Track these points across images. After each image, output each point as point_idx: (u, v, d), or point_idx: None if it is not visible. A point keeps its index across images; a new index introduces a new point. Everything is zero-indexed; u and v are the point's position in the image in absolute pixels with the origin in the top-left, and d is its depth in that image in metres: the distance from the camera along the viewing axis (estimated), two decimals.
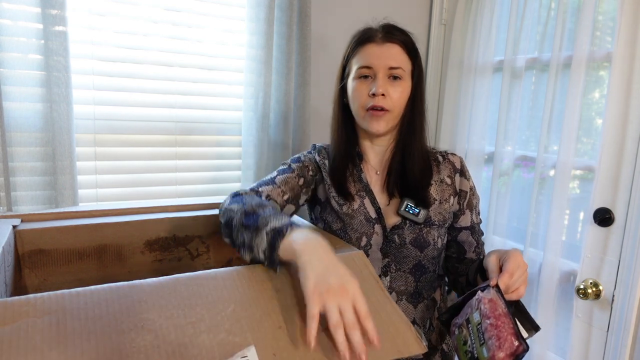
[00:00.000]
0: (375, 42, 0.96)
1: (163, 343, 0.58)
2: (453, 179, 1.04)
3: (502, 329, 0.73)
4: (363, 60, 0.96)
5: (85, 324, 0.58)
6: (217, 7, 1.40)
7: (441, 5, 1.74)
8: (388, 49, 0.95)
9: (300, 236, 0.70)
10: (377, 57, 0.94)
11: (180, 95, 1.38)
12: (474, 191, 1.06)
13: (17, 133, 1.13)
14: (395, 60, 0.95)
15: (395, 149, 1.02)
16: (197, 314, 0.63)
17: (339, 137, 1.03)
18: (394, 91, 0.95)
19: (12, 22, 1.10)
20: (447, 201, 1.02)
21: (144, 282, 0.66)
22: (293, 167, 1.02)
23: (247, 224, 0.76)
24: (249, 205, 0.80)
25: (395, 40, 0.96)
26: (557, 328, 1.38)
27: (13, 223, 0.92)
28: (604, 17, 1.26)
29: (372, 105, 0.94)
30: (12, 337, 0.54)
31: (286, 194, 0.97)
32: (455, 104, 1.71)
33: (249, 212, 0.78)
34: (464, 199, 1.04)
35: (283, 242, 0.70)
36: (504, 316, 0.74)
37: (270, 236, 0.72)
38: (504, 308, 0.76)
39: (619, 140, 1.19)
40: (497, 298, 0.77)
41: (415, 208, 0.98)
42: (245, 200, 0.84)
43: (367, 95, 0.95)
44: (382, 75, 0.94)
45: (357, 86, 0.97)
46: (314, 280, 0.63)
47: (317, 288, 0.62)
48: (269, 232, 0.72)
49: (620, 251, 1.19)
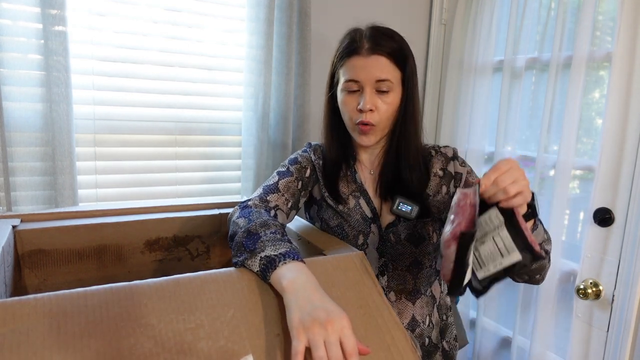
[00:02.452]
0: (361, 54, 0.92)
1: (162, 350, 0.58)
2: (445, 169, 1.03)
3: (460, 215, 0.69)
4: (349, 73, 0.94)
5: (86, 328, 0.58)
6: (217, 7, 1.39)
7: (441, 5, 1.74)
8: (374, 62, 0.92)
9: (290, 274, 0.67)
10: (363, 70, 0.92)
11: (180, 95, 1.38)
12: (473, 174, 1.04)
13: (17, 133, 1.13)
14: (382, 72, 0.92)
15: (389, 150, 1.01)
16: (197, 319, 0.63)
17: (331, 143, 1.03)
18: (382, 104, 0.93)
19: (12, 22, 1.10)
20: (440, 192, 1.02)
21: (144, 283, 0.66)
22: (292, 169, 1.02)
23: (246, 245, 0.76)
24: (253, 224, 0.80)
25: (381, 52, 0.92)
26: (557, 328, 1.38)
27: (13, 223, 0.92)
28: (604, 17, 1.26)
29: (361, 120, 0.93)
30: (12, 340, 0.54)
31: (289, 202, 0.97)
32: (455, 104, 1.71)
33: (251, 232, 0.78)
34: (459, 181, 1.03)
35: (273, 274, 0.69)
36: (469, 206, 0.68)
37: (263, 263, 0.71)
38: (472, 199, 0.69)
39: (619, 140, 1.19)
40: (472, 193, 0.70)
41: (408, 205, 0.98)
42: (252, 216, 0.83)
43: (355, 109, 0.94)
44: (369, 89, 0.92)
45: (345, 99, 0.96)
46: (299, 315, 0.61)
47: (302, 322, 0.60)
48: (262, 258, 0.72)
49: (620, 251, 1.19)
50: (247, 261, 0.74)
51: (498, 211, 0.70)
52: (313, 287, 0.66)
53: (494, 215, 0.70)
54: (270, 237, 0.76)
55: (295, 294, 0.64)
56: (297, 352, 0.57)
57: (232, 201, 1.21)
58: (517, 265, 0.65)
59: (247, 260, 0.74)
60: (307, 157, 1.06)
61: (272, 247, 0.73)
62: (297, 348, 0.58)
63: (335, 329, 0.59)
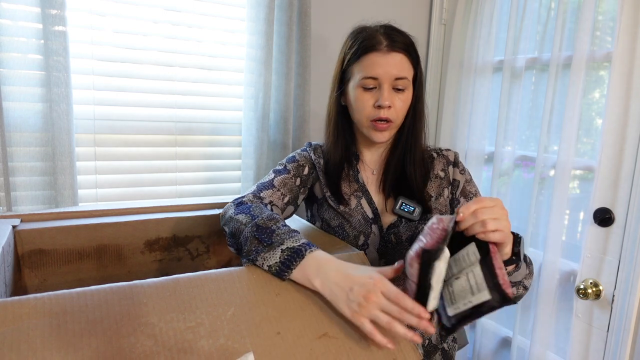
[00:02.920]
0: (380, 51, 0.92)
1: (163, 349, 0.58)
2: (446, 171, 1.04)
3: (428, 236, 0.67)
4: (368, 70, 0.93)
5: (86, 327, 0.58)
6: (217, 7, 1.39)
7: (441, 5, 1.74)
8: (393, 59, 0.92)
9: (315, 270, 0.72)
10: (383, 68, 0.92)
11: (180, 95, 1.38)
12: (471, 183, 1.05)
13: (17, 133, 1.13)
14: (401, 71, 0.93)
15: (393, 149, 1.03)
16: (197, 317, 0.63)
17: (336, 141, 1.03)
18: (399, 101, 0.94)
19: (12, 22, 1.10)
20: (442, 194, 1.02)
21: (144, 283, 0.66)
22: (289, 167, 1.02)
23: (262, 239, 0.77)
24: (260, 219, 0.80)
25: (399, 49, 0.93)
26: (557, 328, 1.38)
27: (13, 223, 0.92)
28: (604, 17, 1.26)
29: (378, 117, 0.93)
30: (12, 339, 0.54)
31: (286, 197, 0.98)
32: (455, 104, 1.71)
33: (261, 226, 0.79)
34: (456, 188, 1.04)
35: (299, 265, 0.73)
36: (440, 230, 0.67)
37: (286, 255, 0.73)
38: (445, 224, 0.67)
39: (619, 140, 1.19)
40: (448, 219, 0.68)
41: (411, 206, 0.98)
42: (254, 211, 0.84)
43: (373, 106, 0.94)
44: (387, 86, 0.93)
45: (361, 96, 0.95)
46: (347, 306, 0.67)
47: (352, 309, 0.66)
48: (285, 250, 0.74)
49: (620, 251, 1.19)
50: (263, 254, 0.74)
51: (476, 248, 0.67)
52: (339, 271, 0.70)
53: (472, 251, 0.67)
54: (285, 230, 0.78)
55: (330, 290, 0.70)
56: (369, 332, 0.65)
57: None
58: (485, 305, 0.63)
59: (263, 254, 0.74)
60: (306, 155, 1.06)
61: (291, 239, 0.76)
62: (366, 329, 0.65)
63: (377, 296, 0.65)
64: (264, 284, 0.72)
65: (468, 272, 0.66)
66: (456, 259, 0.69)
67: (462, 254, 0.69)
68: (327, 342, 0.65)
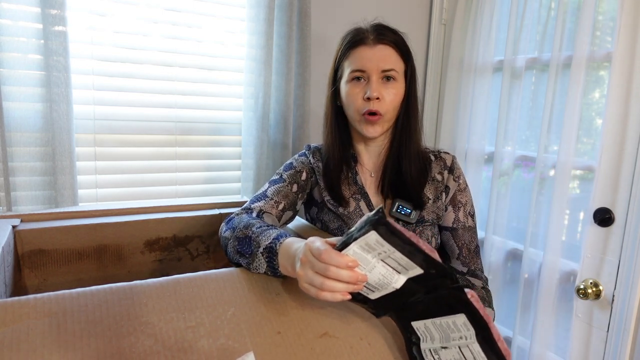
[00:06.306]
0: (367, 44, 0.94)
1: (163, 348, 0.58)
2: (443, 174, 1.04)
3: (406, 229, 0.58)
4: (355, 63, 0.94)
5: (86, 327, 0.58)
6: (217, 7, 1.39)
7: (441, 5, 1.74)
8: (380, 51, 0.94)
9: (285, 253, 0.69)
10: (370, 59, 0.93)
11: (180, 95, 1.38)
12: (464, 192, 1.05)
13: (17, 133, 1.13)
14: (388, 62, 0.94)
15: (390, 150, 1.02)
16: (197, 317, 0.63)
17: (333, 141, 1.03)
18: (388, 93, 0.94)
19: (12, 22, 1.10)
20: (440, 198, 1.02)
21: (144, 283, 0.66)
22: (284, 176, 1.02)
23: (242, 251, 0.76)
24: (238, 230, 0.80)
25: (386, 42, 0.94)
26: (557, 328, 1.38)
27: (13, 223, 0.92)
28: (604, 17, 1.26)
29: (368, 110, 0.94)
30: (12, 339, 0.54)
31: (281, 204, 0.97)
32: (455, 104, 1.71)
33: (240, 238, 0.78)
34: (447, 195, 1.04)
35: (278, 260, 0.70)
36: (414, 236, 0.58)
37: (266, 256, 0.72)
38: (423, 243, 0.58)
39: (619, 140, 1.19)
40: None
41: (407, 208, 0.98)
42: (235, 223, 0.84)
43: (362, 99, 0.94)
44: (375, 78, 0.93)
45: (351, 90, 0.96)
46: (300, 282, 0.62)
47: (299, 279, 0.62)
48: (263, 252, 0.72)
49: (620, 251, 1.19)
50: (253, 265, 0.74)
51: (467, 319, 0.60)
52: (297, 249, 0.66)
53: (461, 322, 0.60)
54: (259, 231, 0.77)
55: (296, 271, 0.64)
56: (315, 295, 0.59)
57: (232, 201, 1.21)
58: None
59: (253, 264, 0.74)
60: (303, 161, 1.06)
61: (265, 237, 0.74)
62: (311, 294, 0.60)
63: (307, 255, 0.60)
64: (264, 284, 0.72)
65: (461, 345, 0.61)
66: (438, 324, 0.62)
67: (448, 322, 0.62)
68: (328, 341, 0.65)
